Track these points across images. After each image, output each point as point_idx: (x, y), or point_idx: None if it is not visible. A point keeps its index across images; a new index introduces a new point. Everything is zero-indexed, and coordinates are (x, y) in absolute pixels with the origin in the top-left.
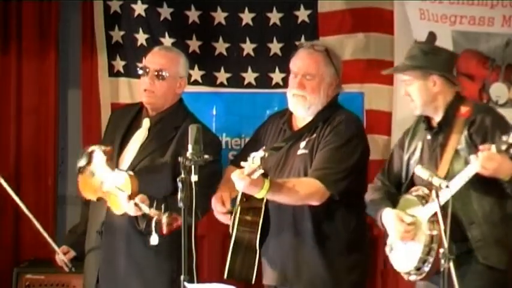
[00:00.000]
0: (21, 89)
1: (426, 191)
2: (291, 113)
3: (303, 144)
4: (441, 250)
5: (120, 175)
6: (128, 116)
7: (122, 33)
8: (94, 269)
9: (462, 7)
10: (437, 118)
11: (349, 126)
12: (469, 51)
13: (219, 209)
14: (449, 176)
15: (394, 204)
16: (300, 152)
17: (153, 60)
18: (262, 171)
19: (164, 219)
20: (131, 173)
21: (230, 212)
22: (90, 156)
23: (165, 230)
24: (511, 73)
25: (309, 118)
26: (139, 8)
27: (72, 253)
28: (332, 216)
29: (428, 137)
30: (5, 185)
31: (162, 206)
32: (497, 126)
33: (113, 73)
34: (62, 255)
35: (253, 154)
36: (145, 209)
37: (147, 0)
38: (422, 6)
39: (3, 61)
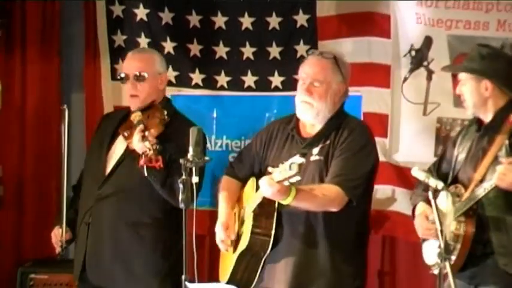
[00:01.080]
0: (25, 93)
1: (462, 190)
2: (297, 120)
3: (316, 150)
4: (437, 250)
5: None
6: (117, 118)
7: (124, 37)
8: (81, 258)
9: (458, 12)
10: (486, 120)
11: (363, 133)
12: (464, 55)
13: (223, 238)
14: (483, 180)
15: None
16: (313, 158)
17: (129, 65)
18: (299, 178)
19: (150, 154)
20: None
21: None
22: None
23: (142, 162)
24: None
25: (319, 125)
26: (141, 13)
27: (70, 235)
28: (343, 221)
29: (476, 138)
30: None
31: (158, 147)
32: None
33: (115, 77)
34: (58, 233)
35: (290, 160)
36: (145, 144)
37: (149, 5)
38: (418, 11)
39: (7, 65)
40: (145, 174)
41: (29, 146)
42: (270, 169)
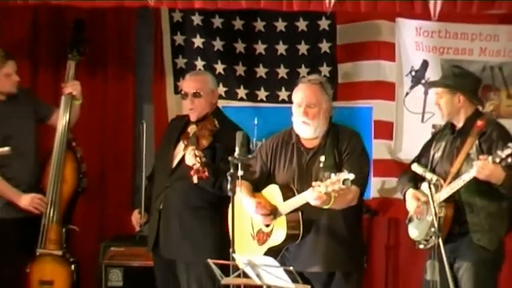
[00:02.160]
0: (105, 105)
1: (442, 181)
2: (297, 136)
3: (323, 158)
4: (432, 229)
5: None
6: (181, 124)
7: (184, 60)
8: (153, 236)
9: (448, 40)
10: (458, 126)
11: (358, 138)
12: None
13: (263, 212)
14: (458, 173)
15: (416, 185)
16: (322, 164)
17: (188, 85)
18: (345, 188)
19: (197, 166)
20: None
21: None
22: None
23: (192, 172)
24: (486, 91)
25: (318, 138)
26: (198, 41)
27: (146, 217)
28: (352, 208)
29: (450, 139)
30: None
31: (204, 161)
32: (501, 139)
33: (177, 91)
34: (138, 216)
35: (342, 176)
36: (194, 158)
37: (204, 35)
38: (417, 40)
39: (91, 83)
40: (195, 181)
41: (108, 147)
42: (313, 183)
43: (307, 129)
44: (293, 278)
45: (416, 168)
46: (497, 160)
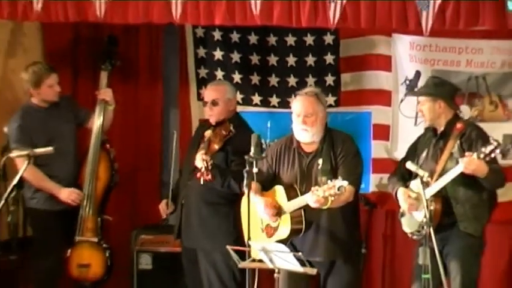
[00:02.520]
0: (137, 110)
1: (429, 179)
2: (297, 141)
3: (320, 161)
4: (424, 219)
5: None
6: (204, 128)
7: (206, 71)
8: (176, 227)
9: (438, 53)
10: (440, 129)
11: (352, 142)
12: None
13: (271, 212)
14: (444, 170)
15: (405, 184)
16: (320, 166)
17: (208, 94)
18: (340, 193)
19: (203, 169)
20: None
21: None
22: None
23: (198, 174)
24: (471, 98)
25: (315, 142)
26: (218, 54)
27: (172, 207)
28: (349, 204)
29: (433, 141)
30: None
31: (210, 165)
32: (480, 138)
33: (199, 98)
34: (165, 206)
35: (338, 183)
36: (201, 161)
37: (223, 49)
38: (411, 53)
39: (125, 91)
40: (201, 182)
41: (139, 147)
42: (313, 188)
43: (305, 134)
44: (301, 262)
45: (410, 166)
46: (482, 156)
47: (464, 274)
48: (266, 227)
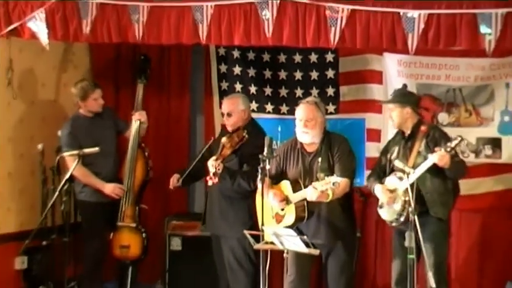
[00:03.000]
0: (168, 117)
1: (402, 174)
2: (300, 143)
3: (319, 159)
4: (410, 209)
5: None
6: (223, 134)
7: (227, 84)
8: (202, 216)
9: (422, 69)
10: (407, 132)
11: (346, 142)
12: (426, 95)
13: (278, 199)
14: (414, 166)
15: (380, 182)
16: (320, 164)
17: (224, 106)
18: (335, 188)
19: (211, 173)
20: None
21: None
22: None
23: (208, 178)
24: (450, 107)
25: (315, 143)
26: (236, 70)
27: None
28: (345, 194)
29: (402, 143)
30: None
31: (218, 170)
32: (442, 137)
33: (221, 107)
34: (175, 180)
35: (333, 179)
36: (212, 167)
37: (241, 65)
38: (398, 69)
39: (158, 101)
40: (209, 184)
41: (169, 148)
42: (313, 183)
43: (306, 136)
44: (307, 244)
45: (398, 163)
46: (448, 150)
47: (436, 255)
48: (276, 215)
